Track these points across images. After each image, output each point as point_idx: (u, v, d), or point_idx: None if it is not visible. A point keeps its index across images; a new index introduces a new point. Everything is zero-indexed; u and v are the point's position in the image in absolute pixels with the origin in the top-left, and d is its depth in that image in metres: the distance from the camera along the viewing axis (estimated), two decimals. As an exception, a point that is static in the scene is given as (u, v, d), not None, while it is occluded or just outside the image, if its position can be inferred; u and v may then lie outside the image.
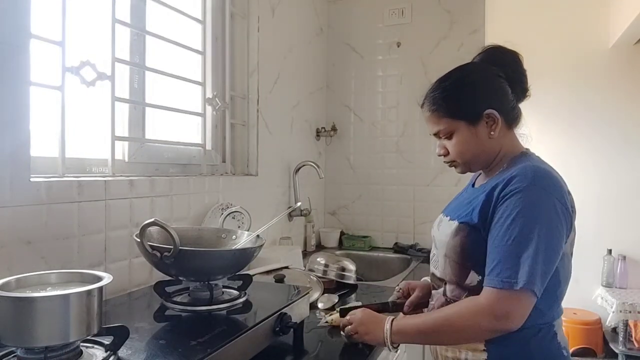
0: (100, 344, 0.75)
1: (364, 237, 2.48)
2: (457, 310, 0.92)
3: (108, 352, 0.72)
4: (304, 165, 2.17)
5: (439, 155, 1.10)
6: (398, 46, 2.45)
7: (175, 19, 1.59)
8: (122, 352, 0.74)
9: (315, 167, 2.11)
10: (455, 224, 1.01)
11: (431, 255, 1.11)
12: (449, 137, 1.05)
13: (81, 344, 0.73)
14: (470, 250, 0.97)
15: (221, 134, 1.81)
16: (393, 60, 2.47)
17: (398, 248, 2.36)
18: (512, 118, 1.06)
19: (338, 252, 2.31)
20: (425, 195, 2.41)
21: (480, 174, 1.13)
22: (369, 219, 2.54)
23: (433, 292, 1.08)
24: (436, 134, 1.07)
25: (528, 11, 3.70)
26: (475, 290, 0.94)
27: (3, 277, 0.72)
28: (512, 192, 0.91)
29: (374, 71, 2.51)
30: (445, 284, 1.02)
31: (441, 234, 1.05)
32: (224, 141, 1.82)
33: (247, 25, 1.90)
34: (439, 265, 1.05)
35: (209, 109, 1.72)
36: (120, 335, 0.74)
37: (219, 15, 1.79)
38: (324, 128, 2.53)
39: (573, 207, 0.96)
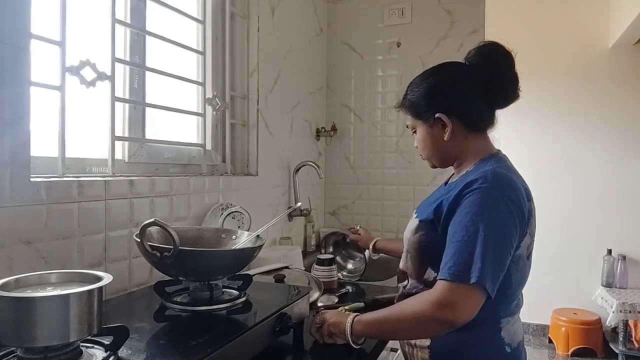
0: (100, 344, 0.75)
1: (364, 237, 2.48)
2: (407, 301, 0.96)
3: (108, 352, 0.72)
4: (304, 165, 2.17)
5: (415, 147, 1.18)
6: (398, 46, 2.45)
7: (175, 19, 1.59)
8: (122, 352, 0.74)
9: (315, 167, 2.11)
10: (416, 221, 1.05)
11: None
12: (415, 132, 1.14)
13: (81, 344, 0.73)
14: (428, 247, 1.01)
15: (221, 134, 1.81)
16: (393, 60, 2.47)
17: (398, 248, 2.35)
18: (475, 123, 1.07)
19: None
20: (425, 195, 2.38)
21: (453, 173, 1.15)
22: (369, 219, 2.54)
23: (398, 285, 1.13)
24: (407, 127, 1.18)
25: (528, 11, 3.70)
26: (433, 285, 0.95)
27: (3, 277, 0.72)
28: (470, 193, 0.93)
29: (374, 71, 2.51)
30: (407, 278, 1.07)
31: (407, 231, 1.09)
32: (224, 141, 1.82)
33: (247, 25, 1.90)
34: (405, 259, 1.10)
35: (209, 109, 1.72)
36: (120, 335, 0.74)
37: (219, 15, 1.79)
38: (323, 128, 2.53)
39: (530, 212, 0.98)
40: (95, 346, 0.75)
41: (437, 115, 1.05)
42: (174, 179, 1.41)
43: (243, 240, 1.11)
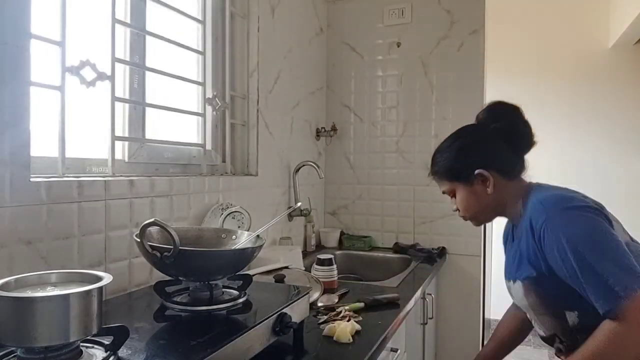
0: (100, 344, 0.75)
1: (364, 237, 2.48)
2: (596, 346, 0.90)
3: (108, 352, 0.72)
4: (303, 165, 2.17)
5: (454, 212, 1.22)
6: (398, 46, 2.45)
7: (175, 18, 1.59)
8: (122, 352, 0.74)
9: (315, 167, 2.11)
10: (519, 284, 1.07)
11: (530, 319, 1.17)
12: (453, 195, 1.18)
13: (81, 344, 0.73)
14: (549, 298, 1.02)
15: (221, 134, 1.81)
16: (393, 60, 2.47)
17: (398, 248, 2.35)
18: (510, 171, 1.13)
19: (338, 252, 2.32)
20: (425, 195, 2.41)
21: (512, 226, 1.19)
22: (369, 219, 2.54)
23: (555, 347, 1.11)
24: (444, 193, 1.22)
25: (528, 11, 3.70)
26: (582, 324, 0.97)
27: (3, 277, 0.72)
28: (543, 232, 0.96)
29: (374, 71, 2.51)
30: (556, 336, 1.07)
31: (518, 299, 1.11)
32: (224, 141, 1.82)
33: (247, 25, 1.90)
34: (540, 325, 1.10)
35: (209, 109, 1.72)
36: (120, 335, 0.74)
37: (219, 15, 1.79)
38: (323, 128, 2.53)
39: (597, 203, 1.02)
40: (95, 346, 0.75)
41: (477, 172, 1.11)
42: (174, 179, 1.41)
43: (243, 240, 1.11)
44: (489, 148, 1.13)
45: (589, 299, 0.91)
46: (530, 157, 1.16)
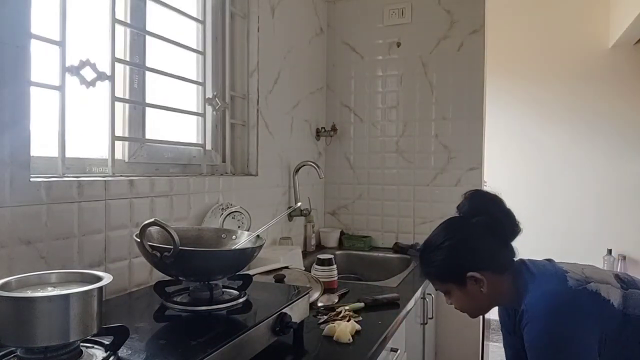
0: (100, 344, 0.75)
1: (364, 237, 2.48)
2: None
3: (108, 352, 0.72)
4: (304, 165, 2.17)
5: (449, 304, 1.20)
6: (398, 46, 2.45)
7: (175, 19, 1.59)
8: (122, 352, 0.74)
9: (315, 167, 2.11)
10: None
11: None
12: (448, 294, 1.17)
13: (81, 344, 0.73)
14: None
15: (221, 134, 1.81)
16: (393, 60, 2.47)
17: (398, 248, 2.35)
18: (501, 266, 1.12)
19: (338, 252, 2.32)
20: (425, 195, 2.41)
21: (507, 313, 1.23)
22: (369, 219, 2.54)
23: None
24: (437, 290, 1.21)
25: (528, 11, 3.70)
26: None
27: (3, 277, 0.72)
28: (530, 342, 0.99)
29: (374, 71, 2.51)
30: None
31: None
32: (224, 141, 1.82)
33: (247, 25, 1.90)
34: None
35: (209, 109, 1.72)
36: (120, 335, 0.74)
37: (219, 15, 1.79)
38: (323, 128, 2.53)
39: (595, 290, 1.01)
40: (95, 346, 0.75)
41: (469, 274, 1.10)
42: (174, 179, 1.41)
43: (243, 240, 1.11)
44: (477, 247, 1.12)
45: None
46: (530, 157, 1.16)
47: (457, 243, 1.13)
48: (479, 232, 1.11)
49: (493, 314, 2.98)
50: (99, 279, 0.74)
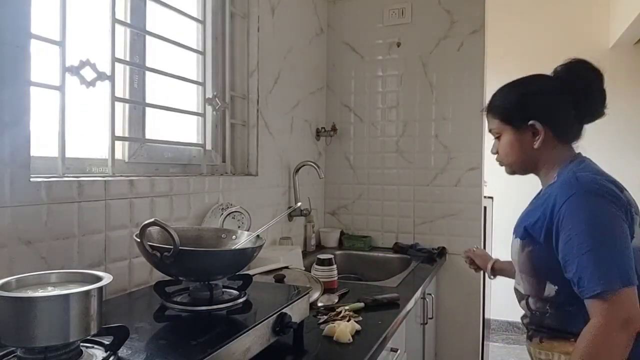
0: (100, 344, 0.75)
1: (364, 237, 2.48)
2: (585, 347, 0.91)
3: (108, 352, 0.72)
4: (304, 165, 2.17)
5: (492, 153, 1.20)
6: (398, 46, 2.45)
7: (175, 18, 1.59)
8: (122, 352, 0.74)
9: (315, 167, 2.11)
10: (518, 241, 1.08)
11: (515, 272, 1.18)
12: (499, 137, 1.15)
13: (81, 344, 0.73)
14: (539, 263, 1.03)
15: (221, 134, 1.81)
16: (393, 60, 2.47)
17: (398, 248, 2.35)
18: (564, 134, 1.11)
19: (338, 252, 2.32)
20: (425, 195, 2.41)
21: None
22: (369, 219, 2.54)
23: (520, 304, 1.14)
24: (490, 131, 1.19)
25: (528, 11, 3.70)
26: (556, 300, 1.00)
27: (3, 277, 0.72)
28: (565, 204, 0.96)
29: (374, 71, 2.51)
30: (528, 297, 1.09)
31: (512, 253, 1.12)
32: (224, 141, 1.82)
33: (247, 25, 1.90)
34: (520, 281, 1.12)
35: (209, 109, 1.72)
36: (120, 335, 0.74)
37: (219, 15, 1.79)
38: (324, 128, 2.53)
39: (629, 202, 1.00)
40: (95, 346, 0.75)
41: (530, 122, 1.08)
42: (174, 179, 1.41)
43: (243, 240, 1.11)
44: (553, 103, 1.09)
45: (573, 279, 0.93)
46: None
47: (534, 91, 1.11)
48: (562, 92, 1.09)
49: (493, 314, 2.97)
50: (99, 279, 0.74)
